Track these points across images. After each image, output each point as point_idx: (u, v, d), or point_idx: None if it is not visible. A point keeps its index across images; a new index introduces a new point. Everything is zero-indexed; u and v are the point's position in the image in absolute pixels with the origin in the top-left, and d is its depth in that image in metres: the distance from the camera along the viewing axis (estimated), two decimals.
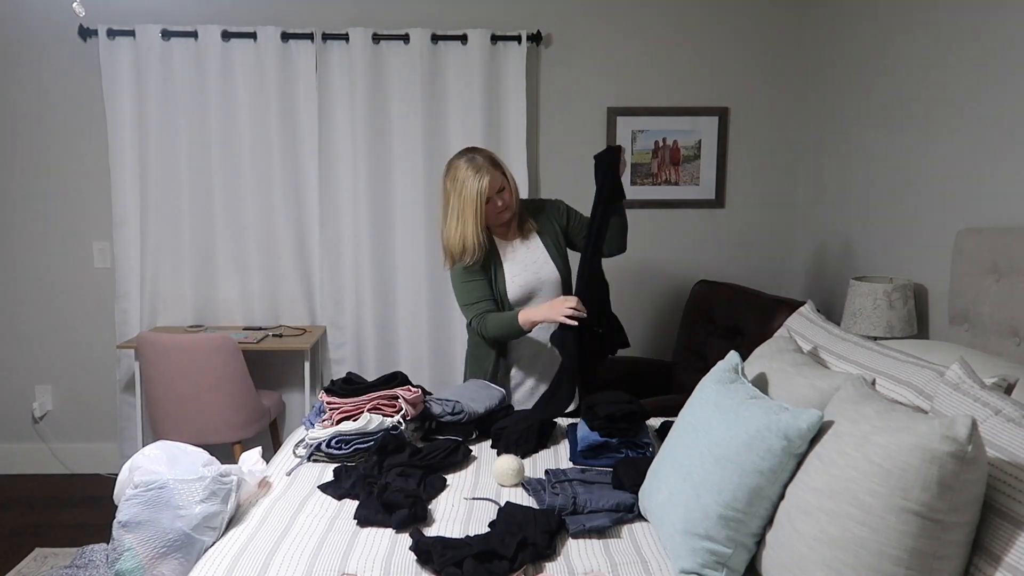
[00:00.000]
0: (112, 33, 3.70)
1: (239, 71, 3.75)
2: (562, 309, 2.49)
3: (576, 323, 2.49)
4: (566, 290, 2.75)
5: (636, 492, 1.92)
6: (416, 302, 3.91)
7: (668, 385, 3.72)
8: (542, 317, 2.54)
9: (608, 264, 3.96)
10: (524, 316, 2.58)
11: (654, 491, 1.78)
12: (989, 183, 2.55)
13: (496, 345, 2.71)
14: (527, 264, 2.72)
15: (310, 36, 3.73)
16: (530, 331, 2.63)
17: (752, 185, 3.99)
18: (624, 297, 4.04)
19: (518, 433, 2.31)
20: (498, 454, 2.27)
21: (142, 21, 3.72)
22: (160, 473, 1.86)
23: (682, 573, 1.58)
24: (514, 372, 2.76)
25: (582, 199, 3.96)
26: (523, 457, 2.27)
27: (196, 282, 3.88)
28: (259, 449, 2.14)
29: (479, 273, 2.67)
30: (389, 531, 1.81)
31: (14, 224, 3.90)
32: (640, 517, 1.88)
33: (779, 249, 4.05)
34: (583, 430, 2.26)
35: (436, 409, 2.42)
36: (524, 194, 3.86)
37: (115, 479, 4.02)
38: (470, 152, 2.63)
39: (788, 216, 4.03)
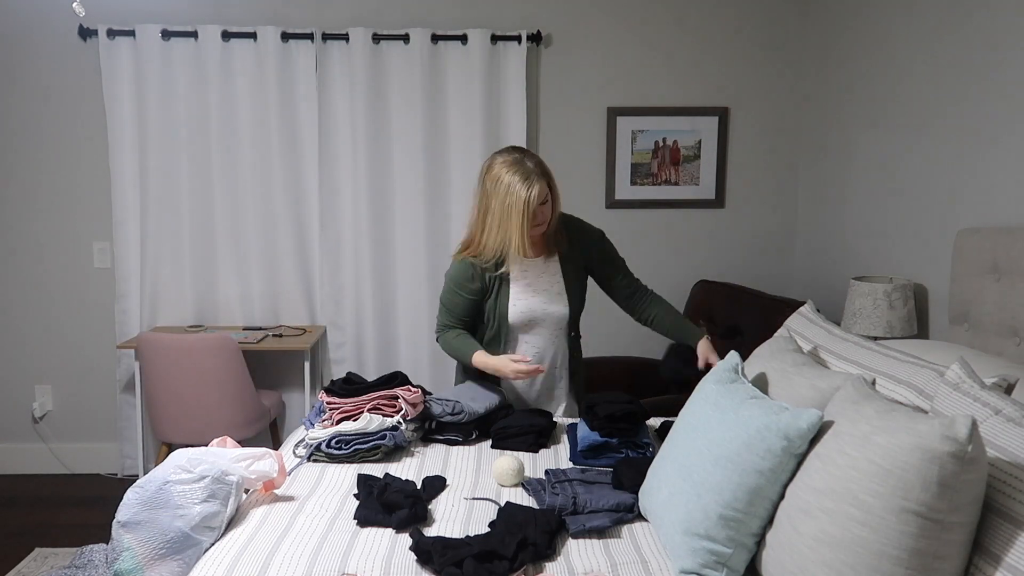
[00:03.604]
0: (112, 33, 3.70)
1: (239, 71, 3.75)
2: (512, 368, 2.36)
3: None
4: (572, 326, 2.57)
5: (636, 492, 1.91)
6: (416, 302, 3.91)
7: (668, 385, 3.72)
8: (492, 369, 2.41)
9: None
10: (479, 360, 2.45)
11: (654, 491, 1.78)
12: (989, 183, 2.55)
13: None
14: (537, 290, 2.49)
15: (310, 36, 3.73)
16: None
17: (752, 185, 3.99)
18: None
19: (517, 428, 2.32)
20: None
21: (142, 21, 3.72)
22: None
23: (682, 573, 1.58)
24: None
25: (581, 198, 3.98)
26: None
27: (196, 282, 3.88)
28: (267, 450, 2.13)
29: (471, 287, 2.48)
30: (389, 531, 1.81)
31: (14, 224, 3.90)
32: (640, 517, 1.88)
33: (779, 249, 4.05)
34: (583, 430, 2.26)
35: (436, 409, 2.42)
36: None
37: (115, 479, 4.04)
38: (517, 153, 2.36)
39: (788, 216, 4.03)
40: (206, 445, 2.08)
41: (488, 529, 1.78)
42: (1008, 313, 2.26)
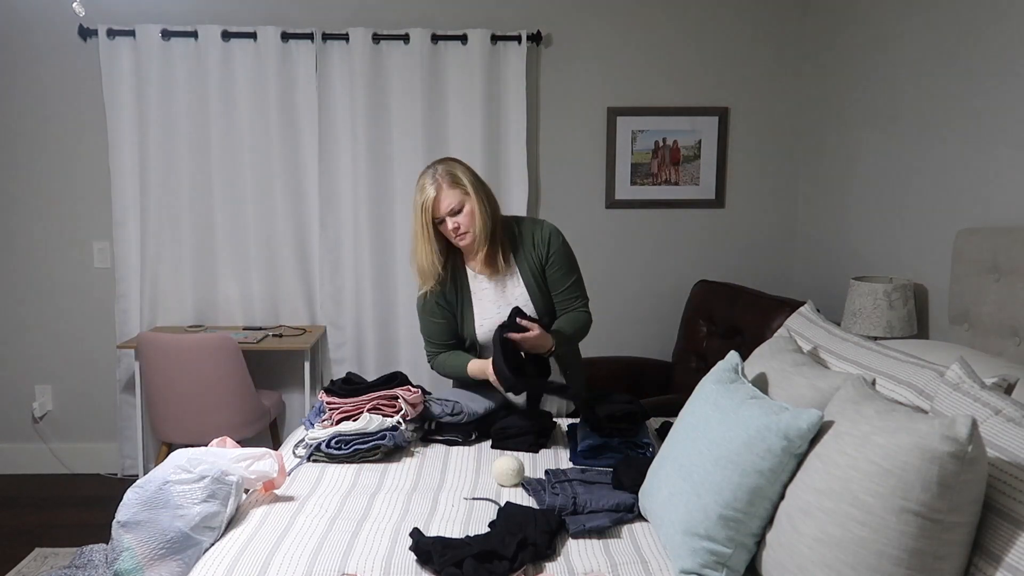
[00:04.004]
0: (112, 33, 3.70)
1: (239, 71, 3.75)
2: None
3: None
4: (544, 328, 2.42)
5: (636, 492, 1.91)
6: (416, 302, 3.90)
7: (668, 385, 3.72)
8: (480, 372, 2.35)
9: (608, 264, 3.99)
10: (474, 369, 2.40)
11: (654, 491, 1.78)
12: (989, 183, 2.55)
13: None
14: (500, 305, 2.42)
15: (310, 36, 3.73)
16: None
17: (752, 185, 3.99)
18: (624, 297, 4.04)
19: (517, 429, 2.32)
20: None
21: (142, 21, 3.72)
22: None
23: (682, 573, 1.58)
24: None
25: (582, 199, 3.98)
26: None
27: (196, 282, 3.88)
28: (267, 450, 2.13)
29: (438, 311, 2.45)
30: (389, 531, 1.81)
31: (14, 224, 3.90)
32: (640, 517, 1.88)
33: (779, 249, 4.05)
34: (583, 430, 2.26)
35: (436, 409, 2.42)
36: (523, 197, 3.85)
37: (115, 479, 4.04)
38: (436, 163, 2.36)
39: (788, 216, 4.03)
40: (206, 445, 2.08)
41: (488, 529, 1.78)
42: (1008, 313, 2.26)
